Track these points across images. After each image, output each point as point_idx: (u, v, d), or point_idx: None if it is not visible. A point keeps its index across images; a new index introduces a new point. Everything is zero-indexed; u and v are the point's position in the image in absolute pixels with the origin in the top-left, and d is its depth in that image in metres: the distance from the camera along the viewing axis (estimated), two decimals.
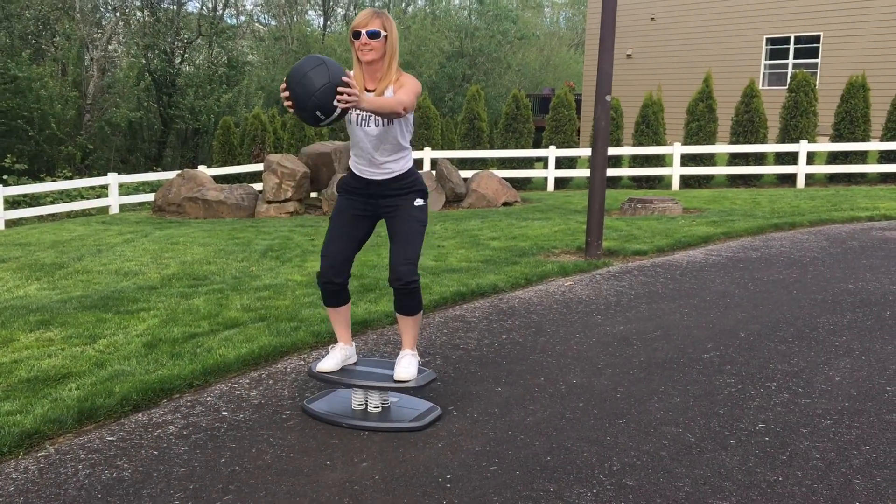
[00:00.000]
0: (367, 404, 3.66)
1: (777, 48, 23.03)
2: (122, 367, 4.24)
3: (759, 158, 16.43)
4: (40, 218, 15.46)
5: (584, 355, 4.61)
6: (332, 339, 4.88)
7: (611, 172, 16.36)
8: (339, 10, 46.54)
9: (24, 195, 16.61)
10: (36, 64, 21.90)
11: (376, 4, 43.16)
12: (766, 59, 23.23)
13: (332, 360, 3.69)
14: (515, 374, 4.28)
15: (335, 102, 3.05)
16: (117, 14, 26.05)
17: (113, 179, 15.54)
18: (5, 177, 18.06)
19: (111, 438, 3.39)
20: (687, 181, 16.59)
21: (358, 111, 3.46)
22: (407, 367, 3.59)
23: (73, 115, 22.58)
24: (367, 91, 3.48)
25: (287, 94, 3.10)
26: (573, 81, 34.28)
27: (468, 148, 17.31)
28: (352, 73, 3.50)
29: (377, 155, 3.53)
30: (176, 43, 26.12)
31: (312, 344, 4.75)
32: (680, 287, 6.45)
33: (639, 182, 16.96)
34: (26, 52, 21.14)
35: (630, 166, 16.98)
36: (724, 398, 3.92)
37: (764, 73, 23.27)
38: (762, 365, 4.43)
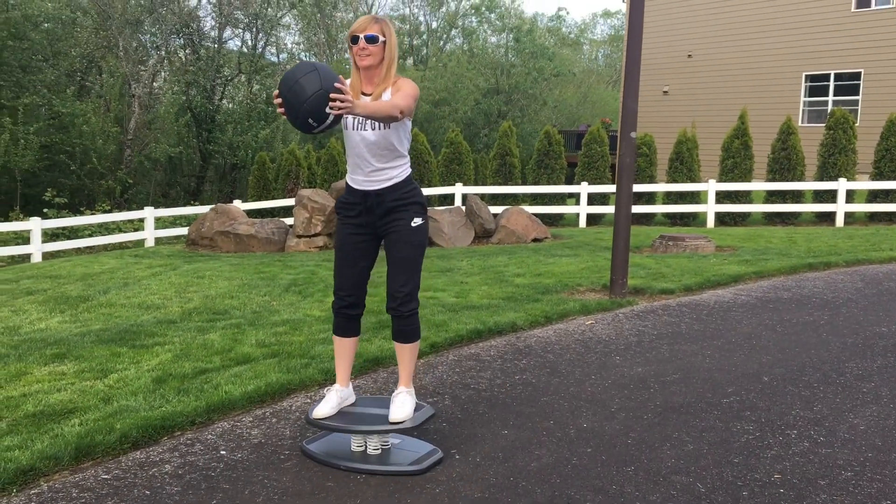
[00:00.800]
0: (366, 446, 3.58)
1: (817, 85, 22.75)
2: (128, 403, 4.21)
3: (797, 196, 16.13)
4: (78, 250, 15.72)
5: (597, 398, 4.48)
6: None
7: (644, 209, 16.21)
8: None
9: (63, 228, 16.93)
10: (79, 100, 22.49)
11: (414, 43, 43.75)
12: (805, 96, 22.95)
13: (327, 404, 3.61)
14: (524, 416, 4.16)
15: (327, 109, 3.00)
16: (160, 52, 26.70)
17: (149, 213, 15.78)
18: (45, 210, 18.44)
19: (106, 476, 3.35)
20: (722, 219, 16.33)
21: (354, 116, 3.43)
22: (401, 406, 3.51)
23: (114, 150, 23.10)
24: (365, 95, 3.44)
25: (279, 101, 3.07)
26: (610, 118, 34.21)
27: (500, 184, 17.28)
28: (348, 80, 3.48)
29: (374, 161, 3.46)
30: (216, 80, 26.64)
31: (321, 381, 4.68)
32: (705, 328, 6.28)
33: (673, 219, 16.74)
34: (71, 89, 21.73)
35: (664, 203, 16.79)
36: (741, 446, 3.76)
37: (803, 111, 22.98)
38: (783, 411, 4.25)
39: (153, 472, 3.40)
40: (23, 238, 15.36)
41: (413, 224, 3.53)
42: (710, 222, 15.94)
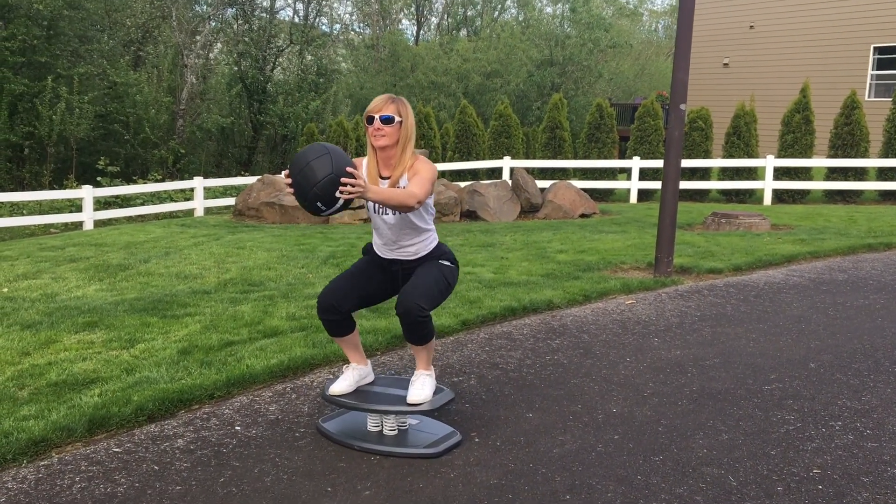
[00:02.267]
0: (382, 426, 3.46)
1: (886, 58, 21.77)
2: (150, 374, 4.17)
3: (860, 174, 15.48)
4: (129, 219, 15.94)
5: (630, 381, 4.29)
6: (368, 354, 4.71)
7: (698, 185, 15.76)
8: (433, 18, 46.83)
9: (116, 196, 17.17)
10: (133, 70, 22.76)
11: (469, 13, 43.21)
12: (872, 69, 21.99)
13: (344, 381, 3.50)
14: (551, 399, 4.00)
15: (337, 194, 2.91)
16: (212, 23, 26.83)
17: (199, 183, 15.89)
18: (99, 178, 18.75)
19: (117, 450, 3.30)
20: (780, 196, 15.78)
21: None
22: (420, 388, 3.37)
23: (167, 120, 23.35)
24: (382, 179, 3.34)
25: (289, 181, 2.97)
26: (666, 91, 33.36)
27: (549, 157, 16.96)
28: (365, 159, 3.40)
29: (398, 240, 3.41)
30: (268, 51, 26.69)
31: (345, 357, 4.58)
32: (752, 310, 6.01)
33: (728, 196, 16.24)
34: (126, 59, 21.98)
35: (719, 179, 16.30)
36: (779, 437, 3.54)
37: (870, 84, 22.04)
38: (829, 401, 4.01)
39: (165, 446, 3.34)
40: (75, 206, 15.63)
41: (440, 261, 3.46)
42: (768, 199, 15.42)
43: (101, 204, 16.85)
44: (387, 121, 3.24)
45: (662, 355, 4.80)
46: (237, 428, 3.55)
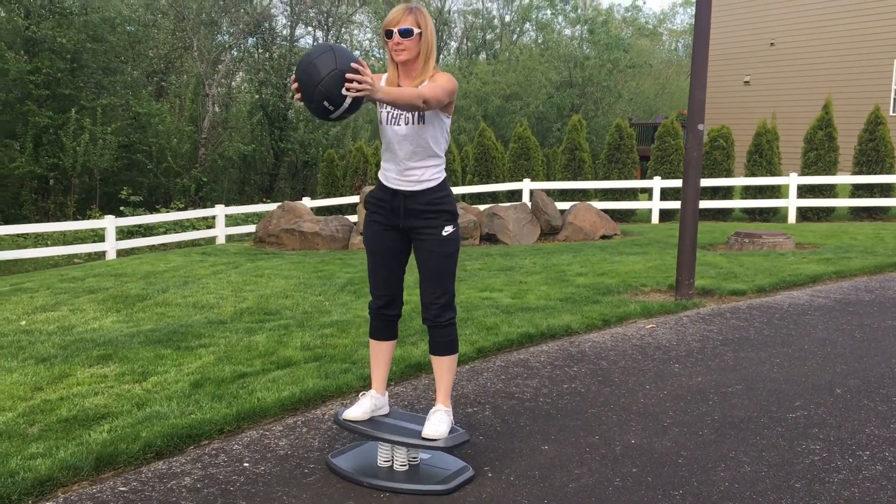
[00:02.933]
0: (393, 461, 3.38)
1: None
2: (160, 409, 4.12)
3: (886, 190, 15.24)
4: (152, 247, 16.06)
5: (650, 410, 4.18)
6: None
7: (720, 204, 15.60)
8: (453, 43, 47.10)
9: (139, 226, 17.32)
10: (156, 100, 23.04)
11: (487, 38, 43.40)
12: None
13: (360, 408, 3.44)
14: (568, 430, 3.90)
15: (343, 91, 2.80)
16: (234, 52, 27.14)
17: (220, 211, 15.99)
18: (122, 208, 18.92)
19: (123, 489, 3.24)
20: (805, 214, 15.58)
21: (388, 109, 3.23)
22: (437, 424, 3.29)
23: (189, 149, 23.58)
24: None
25: (296, 85, 2.88)
26: (684, 109, 33.20)
27: (569, 179, 16.88)
28: (385, 75, 3.32)
29: (405, 159, 3.27)
30: (288, 78, 26.92)
31: (358, 388, 4.51)
32: (776, 333, 5.87)
33: (752, 214, 16.06)
34: (149, 89, 22.26)
35: (742, 198, 16.12)
36: (804, 468, 3.41)
37: (894, 99, 21.76)
38: (856, 429, 3.87)
39: (171, 484, 3.28)
40: (98, 236, 15.77)
41: (444, 234, 3.33)
42: (792, 218, 15.21)
43: (124, 233, 17.00)
44: (406, 34, 3.14)
45: (683, 382, 4.68)
46: (245, 464, 3.49)
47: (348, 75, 2.79)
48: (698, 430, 3.88)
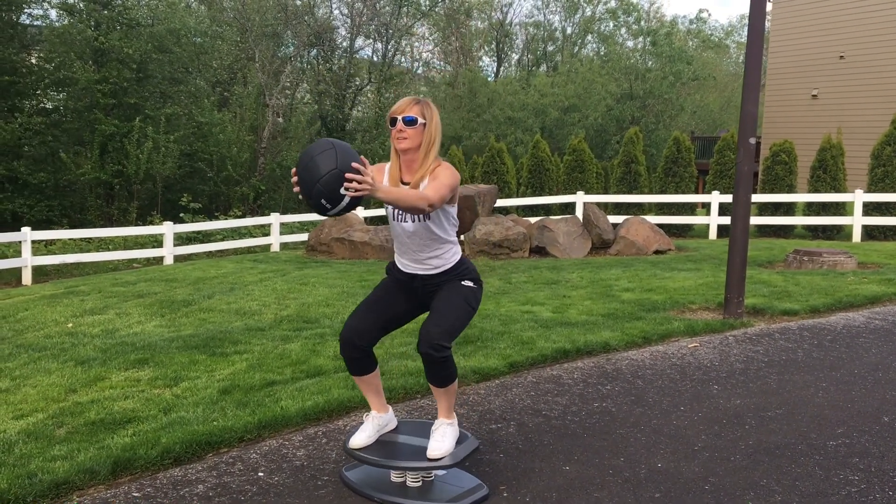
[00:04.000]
0: (406, 477, 3.31)
1: None
2: (185, 415, 4.14)
3: None
4: (209, 254, 16.35)
5: (681, 433, 4.02)
6: (406, 396, 4.58)
7: (782, 220, 15.16)
8: (514, 55, 47.09)
9: (197, 232, 17.67)
10: (218, 110, 23.56)
11: (548, 50, 43.26)
12: None
13: (364, 433, 3.36)
14: (593, 450, 3.77)
15: (342, 190, 2.76)
16: (294, 63, 27.59)
17: (275, 219, 16.21)
18: (182, 214, 19.35)
19: (136, 495, 3.25)
20: (871, 232, 15.01)
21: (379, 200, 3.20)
22: (441, 439, 3.21)
23: (248, 158, 24.03)
24: (404, 184, 3.22)
25: (295, 179, 2.87)
26: None
27: (624, 192, 16.62)
28: (388, 164, 3.30)
29: (417, 251, 3.28)
30: (347, 89, 27.26)
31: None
32: (825, 356, 5.63)
33: (815, 232, 15.55)
34: (211, 100, 22.80)
35: (804, 214, 15.63)
36: (839, 500, 3.23)
37: None
38: None
39: (184, 492, 3.27)
40: (157, 241, 16.13)
41: (463, 283, 3.31)
42: (857, 236, 14.67)
43: (182, 239, 17.35)
44: (410, 122, 3.12)
45: (720, 405, 4.50)
46: (260, 474, 3.46)
47: (348, 175, 2.75)
48: (730, 456, 3.72)
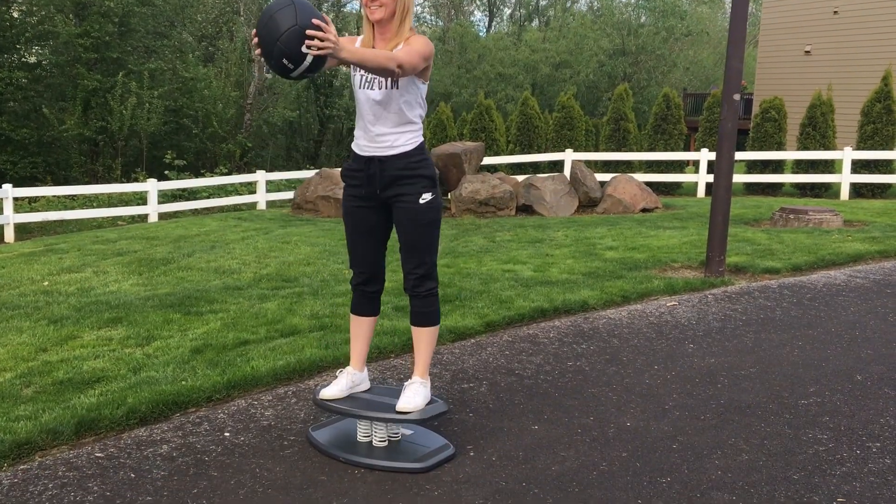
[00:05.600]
0: (372, 437, 3.29)
1: None
2: (154, 375, 4.10)
3: None
4: (194, 211, 16.22)
5: (653, 392, 4.01)
6: (380, 356, 4.55)
7: (770, 178, 15.11)
8: (506, 9, 46.43)
9: (183, 189, 17.49)
10: (203, 65, 23.21)
11: (542, 3, 42.68)
12: None
13: (337, 386, 3.35)
14: (563, 409, 3.76)
15: (303, 48, 2.63)
16: None
17: (261, 177, 16.06)
18: (167, 172, 19.16)
19: (99, 455, 3.22)
20: (859, 190, 14.98)
21: (362, 72, 3.08)
22: (412, 396, 3.19)
23: (234, 115, 23.74)
24: None
25: (255, 40, 2.73)
26: (745, 80, 32.22)
27: (613, 150, 16.51)
28: (360, 37, 3.18)
29: (378, 125, 3.12)
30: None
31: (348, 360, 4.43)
32: (803, 314, 5.62)
33: (803, 190, 15.51)
34: (196, 54, 22.43)
35: (793, 172, 15.57)
36: (806, 459, 3.22)
37: None
38: (870, 419, 3.66)
39: (148, 452, 3.25)
40: (142, 198, 16.00)
41: (421, 201, 3.17)
42: (845, 194, 14.64)
43: (167, 197, 17.19)
44: None
45: (694, 363, 4.49)
46: (226, 434, 3.44)
47: (309, 31, 2.62)
48: (700, 415, 3.71)
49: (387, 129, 3.13)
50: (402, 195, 3.17)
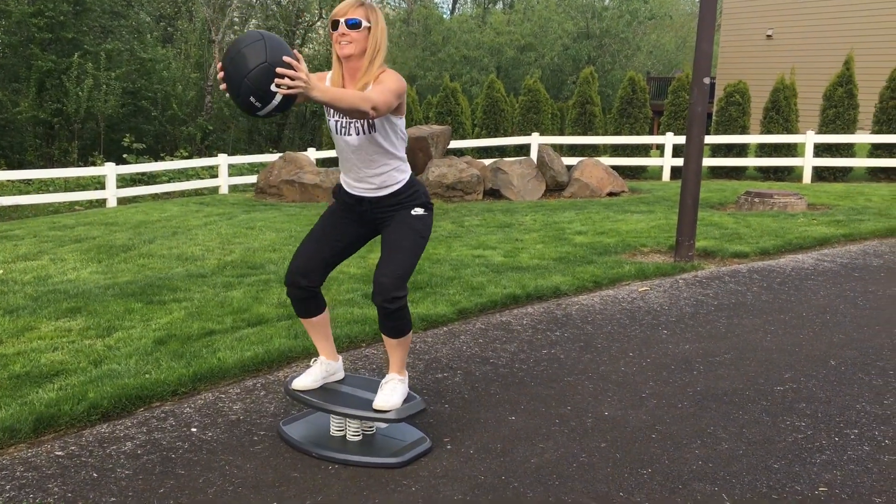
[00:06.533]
0: (346, 431, 3.19)
1: None
2: (117, 367, 3.95)
3: None
4: (155, 196, 15.88)
5: (629, 380, 3.96)
6: (351, 345, 4.45)
7: (734, 162, 15.21)
8: None
9: (142, 174, 17.12)
10: (162, 46, 22.65)
11: None
12: None
13: (309, 376, 3.24)
14: (540, 399, 3.69)
15: (272, 87, 2.50)
16: None
17: (223, 160, 15.74)
18: (125, 155, 18.72)
19: (59, 453, 3.07)
20: (821, 174, 15.15)
21: (337, 117, 2.98)
22: (390, 393, 3.08)
23: (194, 97, 23.24)
24: None
25: (222, 74, 2.59)
26: None
27: (579, 134, 16.49)
28: (329, 73, 3.05)
29: (363, 167, 3.05)
30: (297, 26, 26.40)
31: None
32: (774, 299, 5.62)
33: (766, 173, 15.64)
34: (154, 35, 21.88)
35: (756, 156, 15.69)
36: (786, 447, 3.19)
37: None
38: (846, 404, 3.64)
39: (111, 450, 3.11)
40: (100, 183, 15.61)
41: (413, 212, 3.11)
42: (807, 177, 14.80)
43: (126, 181, 16.81)
44: (353, 25, 2.88)
45: (669, 350, 4.45)
46: (193, 430, 3.31)
47: (279, 70, 2.49)
48: (677, 403, 3.67)
49: (372, 171, 3.05)
50: (395, 212, 3.13)
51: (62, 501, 2.71)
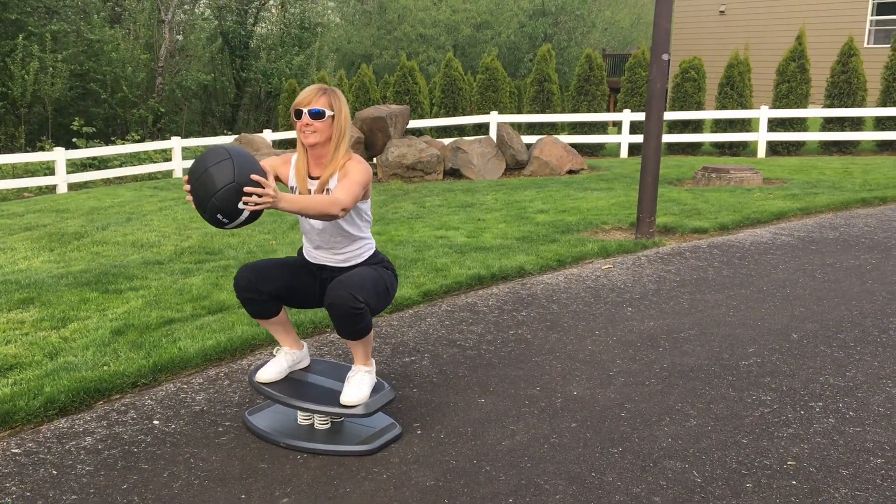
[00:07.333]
0: (314, 419, 3.13)
1: (886, 2, 21.11)
2: (73, 360, 3.84)
3: (857, 124, 15.03)
4: (107, 181, 15.51)
5: (596, 358, 3.96)
6: (315, 330, 4.38)
7: (689, 138, 15.33)
8: None
9: (93, 158, 16.69)
10: (110, 26, 22.07)
11: None
12: (872, 15, 21.33)
13: (274, 366, 3.17)
14: (509, 380, 3.67)
15: (240, 205, 2.51)
16: None
17: (176, 143, 15.43)
18: (75, 140, 18.23)
19: (16, 451, 2.97)
20: (775, 148, 15.35)
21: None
22: (357, 387, 3.03)
23: (145, 78, 22.72)
24: (312, 179, 2.95)
25: (188, 187, 2.57)
26: None
27: (537, 112, 16.48)
28: (294, 156, 3.01)
29: (328, 247, 3.06)
30: (250, 4, 25.91)
31: None
32: (735, 273, 5.67)
33: (722, 149, 15.81)
34: (102, 15, 21.28)
35: (712, 131, 15.85)
36: (753, 422, 3.22)
37: (869, 31, 21.39)
38: (809, 377, 3.69)
39: (70, 445, 3.01)
40: (49, 169, 15.20)
41: (374, 262, 3.14)
42: (762, 152, 14.99)
43: (77, 166, 16.38)
44: (317, 115, 2.85)
45: (634, 327, 4.46)
46: (155, 422, 3.22)
47: (247, 189, 2.49)
48: (645, 380, 3.67)
49: (337, 248, 3.06)
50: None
51: (21, 501, 2.62)
